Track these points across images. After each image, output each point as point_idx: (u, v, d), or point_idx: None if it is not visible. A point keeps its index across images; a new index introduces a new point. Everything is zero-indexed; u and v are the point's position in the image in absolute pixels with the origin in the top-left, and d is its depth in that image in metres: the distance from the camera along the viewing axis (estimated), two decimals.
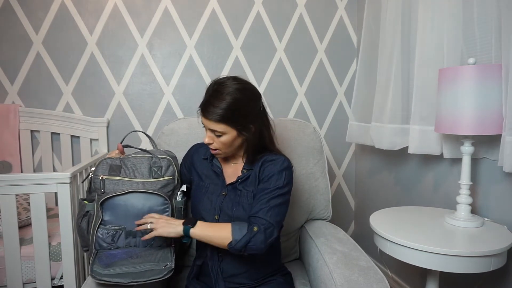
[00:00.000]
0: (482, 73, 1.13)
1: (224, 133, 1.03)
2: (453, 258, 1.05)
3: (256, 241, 0.98)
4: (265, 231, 0.99)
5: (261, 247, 0.98)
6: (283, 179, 1.06)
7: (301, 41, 2.20)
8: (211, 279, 1.10)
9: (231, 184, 1.12)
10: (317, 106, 2.27)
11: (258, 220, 1.00)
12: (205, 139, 1.07)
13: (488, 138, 1.29)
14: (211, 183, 1.15)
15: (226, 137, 1.04)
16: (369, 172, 2.17)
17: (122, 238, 1.06)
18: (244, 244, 0.97)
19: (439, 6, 1.39)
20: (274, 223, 1.01)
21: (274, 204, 1.03)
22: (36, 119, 1.99)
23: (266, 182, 1.06)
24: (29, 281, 1.44)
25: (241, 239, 0.97)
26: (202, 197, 1.14)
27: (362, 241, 2.22)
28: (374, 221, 1.31)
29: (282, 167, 1.07)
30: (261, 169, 1.09)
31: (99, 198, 1.07)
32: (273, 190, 1.04)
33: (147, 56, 2.08)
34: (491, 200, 1.31)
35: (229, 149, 1.08)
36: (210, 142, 1.06)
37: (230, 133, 1.04)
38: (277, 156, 1.11)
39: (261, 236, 0.98)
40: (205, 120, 1.04)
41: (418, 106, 1.49)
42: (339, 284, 0.98)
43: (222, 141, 1.05)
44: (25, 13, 1.97)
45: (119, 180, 1.08)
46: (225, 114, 1.01)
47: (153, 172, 1.12)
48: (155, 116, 2.12)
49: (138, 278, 0.93)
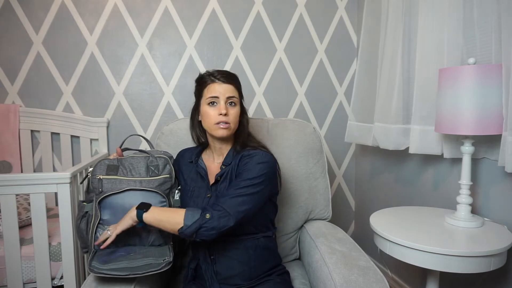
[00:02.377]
0: (482, 73, 1.13)
1: (236, 103, 1.11)
2: (453, 258, 1.05)
3: (207, 227, 0.96)
4: (219, 219, 0.97)
5: (211, 233, 0.97)
6: (256, 171, 1.04)
7: (301, 41, 2.20)
8: (205, 281, 1.10)
9: (214, 185, 1.13)
10: (317, 106, 2.27)
11: (215, 207, 0.99)
12: (221, 109, 1.07)
13: (488, 138, 1.29)
14: (196, 186, 1.16)
15: (237, 109, 1.11)
16: (369, 172, 2.17)
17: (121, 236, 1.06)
18: (194, 230, 0.96)
19: (439, 6, 1.39)
20: (231, 213, 0.98)
21: (238, 193, 1.00)
22: (36, 119, 1.99)
23: (239, 175, 1.06)
24: (29, 281, 1.44)
25: (192, 224, 0.96)
26: (189, 201, 1.14)
27: (362, 241, 2.22)
28: (374, 221, 1.31)
29: (258, 161, 1.06)
30: (239, 164, 1.09)
31: (97, 197, 1.07)
32: (243, 180, 1.03)
33: (147, 56, 2.08)
34: (491, 200, 1.31)
35: (235, 125, 1.13)
36: (226, 113, 1.08)
37: (238, 106, 1.12)
38: (256, 151, 1.11)
39: (214, 222, 0.96)
40: (225, 85, 1.09)
41: (418, 106, 1.49)
42: (338, 284, 0.98)
43: (234, 113, 1.10)
44: (25, 13, 1.97)
45: (116, 179, 1.09)
46: (239, 83, 1.14)
47: (150, 170, 1.12)
48: (155, 116, 2.12)
49: (136, 271, 0.94)
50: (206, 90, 1.11)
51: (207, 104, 1.10)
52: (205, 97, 1.11)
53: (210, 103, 1.09)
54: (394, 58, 1.65)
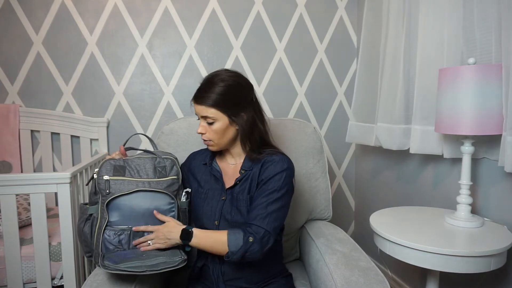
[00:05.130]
0: (482, 73, 1.13)
1: (216, 119, 1.04)
2: (453, 258, 1.05)
3: (252, 251, 0.98)
4: (261, 240, 0.99)
5: (257, 255, 0.99)
6: (282, 181, 1.04)
7: (301, 41, 2.20)
8: (212, 281, 1.09)
9: (230, 188, 1.11)
10: (317, 106, 2.27)
11: (254, 228, 1.00)
12: (198, 129, 1.07)
13: (488, 138, 1.29)
14: (210, 188, 1.14)
15: (218, 125, 1.05)
16: (369, 172, 2.17)
17: (130, 238, 1.04)
18: (240, 256, 0.98)
19: (439, 6, 1.39)
20: (270, 231, 1.00)
21: (272, 209, 1.01)
22: (36, 119, 1.99)
23: (265, 184, 1.05)
24: (29, 281, 1.44)
25: (237, 251, 0.97)
26: (201, 203, 1.13)
27: (362, 241, 2.22)
28: (374, 221, 1.31)
29: (282, 168, 1.06)
30: (261, 170, 1.08)
31: (104, 199, 1.04)
32: (271, 193, 1.03)
33: (147, 56, 2.08)
34: (491, 200, 1.31)
35: (222, 140, 1.08)
36: (203, 132, 1.07)
37: (222, 120, 1.05)
38: (277, 156, 1.09)
39: (257, 246, 0.98)
40: (197, 106, 1.05)
41: (418, 106, 1.49)
42: (339, 284, 0.98)
43: (214, 129, 1.05)
44: (25, 13, 1.97)
45: (124, 180, 1.07)
46: (217, 98, 1.02)
47: (158, 172, 1.11)
48: (155, 116, 2.12)
49: (153, 268, 0.93)
50: None
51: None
52: None
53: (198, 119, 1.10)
54: (396, 58, 1.65)
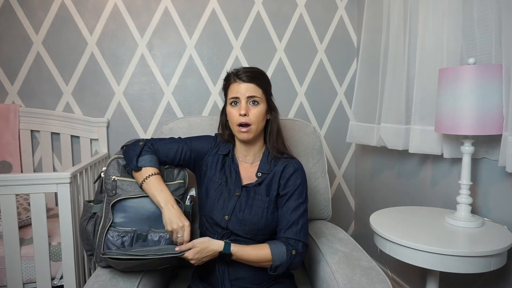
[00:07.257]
0: (482, 73, 1.13)
1: (260, 102, 1.07)
2: (453, 258, 1.05)
3: (296, 263, 1.04)
4: (302, 251, 1.05)
5: (298, 266, 1.06)
6: (304, 194, 1.10)
7: (301, 41, 2.20)
8: (217, 279, 1.07)
9: (245, 186, 1.11)
10: (317, 106, 2.27)
11: (293, 242, 1.04)
12: (241, 110, 1.05)
13: (488, 138, 1.29)
14: (226, 181, 1.13)
15: (261, 107, 1.07)
16: (369, 172, 2.17)
17: (133, 241, 1.03)
18: (285, 269, 1.02)
19: (439, 6, 1.39)
20: (305, 241, 1.06)
21: (303, 222, 1.07)
22: (36, 119, 1.99)
23: (292, 195, 1.08)
24: (29, 281, 1.44)
25: (283, 264, 1.02)
26: (216, 194, 1.11)
27: (362, 241, 2.22)
28: (374, 221, 1.31)
29: (303, 177, 1.11)
30: (282, 175, 1.10)
31: (110, 200, 1.03)
32: (301, 204, 1.08)
33: (147, 56, 2.08)
34: (491, 200, 1.31)
35: (259, 126, 1.08)
36: (247, 113, 1.05)
37: (262, 104, 1.08)
38: (295, 161, 1.13)
39: (299, 258, 1.04)
40: (247, 84, 1.06)
41: (418, 106, 1.49)
42: (341, 284, 0.98)
43: (257, 111, 1.06)
44: (25, 13, 1.97)
45: (132, 181, 1.07)
46: (265, 82, 1.09)
47: (165, 175, 1.12)
48: (155, 116, 2.12)
49: (155, 253, 0.91)
50: (229, 90, 1.10)
51: (230, 104, 1.10)
52: (228, 96, 1.11)
53: (232, 103, 1.09)
54: (398, 58, 1.65)
